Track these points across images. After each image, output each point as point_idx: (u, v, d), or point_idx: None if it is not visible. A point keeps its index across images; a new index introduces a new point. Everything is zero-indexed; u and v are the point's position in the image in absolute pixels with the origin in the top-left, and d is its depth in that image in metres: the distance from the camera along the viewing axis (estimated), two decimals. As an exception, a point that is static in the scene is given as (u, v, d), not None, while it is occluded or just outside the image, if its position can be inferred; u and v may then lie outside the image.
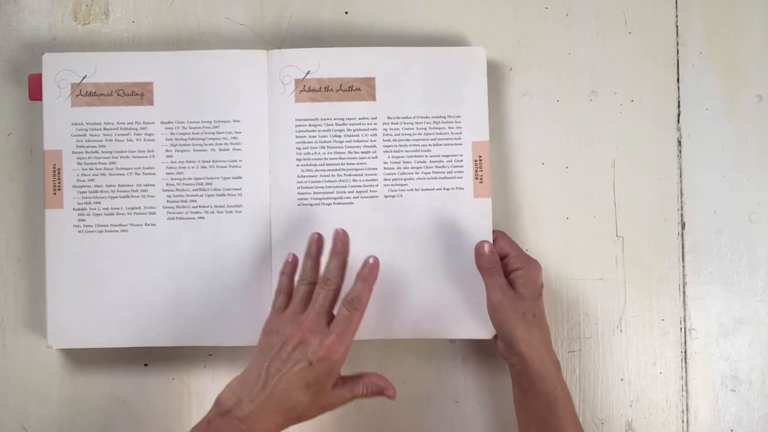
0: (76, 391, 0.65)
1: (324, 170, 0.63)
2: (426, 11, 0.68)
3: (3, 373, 0.66)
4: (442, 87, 0.64)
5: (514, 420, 0.61)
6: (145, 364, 0.65)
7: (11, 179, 0.66)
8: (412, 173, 0.64)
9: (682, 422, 0.67)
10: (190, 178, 0.63)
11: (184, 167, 0.63)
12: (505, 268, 0.61)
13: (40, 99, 0.62)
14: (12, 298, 0.66)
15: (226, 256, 0.63)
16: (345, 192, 0.63)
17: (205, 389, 0.66)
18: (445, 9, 0.68)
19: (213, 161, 0.63)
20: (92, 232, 0.63)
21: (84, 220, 0.63)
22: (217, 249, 0.63)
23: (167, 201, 0.63)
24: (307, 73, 0.63)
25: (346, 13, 0.68)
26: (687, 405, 0.67)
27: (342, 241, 0.59)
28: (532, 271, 0.60)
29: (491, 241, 0.62)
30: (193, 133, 0.63)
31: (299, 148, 0.63)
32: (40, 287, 0.63)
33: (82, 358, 0.65)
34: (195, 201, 0.63)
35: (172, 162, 0.63)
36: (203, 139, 0.63)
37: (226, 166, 0.63)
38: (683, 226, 0.68)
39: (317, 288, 0.57)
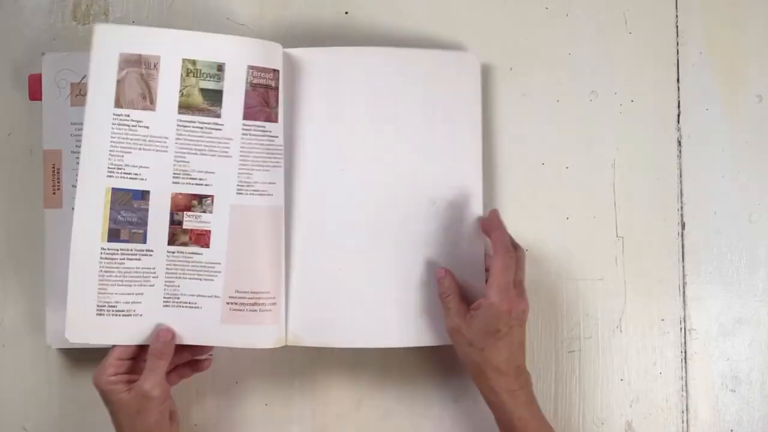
0: (76, 391, 0.65)
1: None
2: (426, 11, 0.68)
3: (3, 373, 0.66)
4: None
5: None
6: (145, 364, 0.65)
7: (11, 179, 0.66)
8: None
9: (682, 422, 0.67)
10: None
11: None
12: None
13: (40, 99, 0.62)
14: (12, 298, 0.66)
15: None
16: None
17: (205, 389, 0.66)
18: (445, 9, 0.68)
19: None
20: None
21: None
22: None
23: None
24: None
25: (346, 13, 0.68)
26: (687, 405, 0.67)
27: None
28: (493, 307, 0.56)
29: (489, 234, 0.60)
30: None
31: None
32: (40, 287, 0.63)
33: (82, 358, 0.65)
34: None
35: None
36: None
37: None
38: (683, 226, 0.68)
39: None
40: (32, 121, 0.65)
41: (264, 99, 0.59)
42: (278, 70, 0.60)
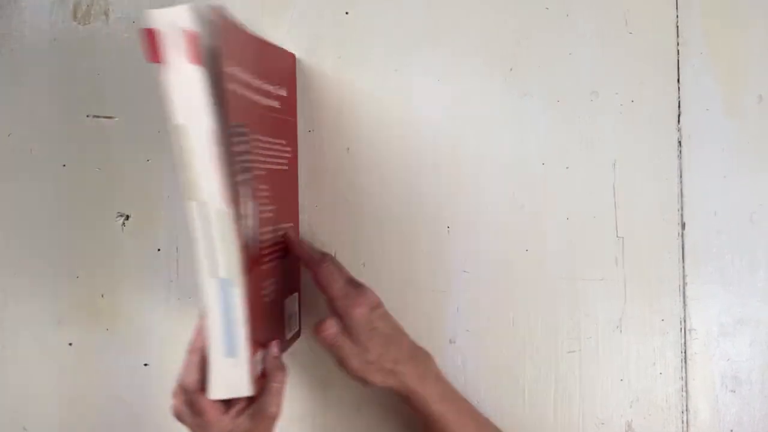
0: (76, 391, 0.65)
1: None
2: (423, 10, 0.68)
3: (3, 374, 0.66)
4: None
5: (514, 420, 0.61)
6: (145, 364, 0.65)
7: (10, 179, 0.66)
8: None
9: (682, 422, 0.67)
10: None
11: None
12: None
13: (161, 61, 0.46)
14: (12, 298, 0.66)
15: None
16: None
17: (205, 389, 0.66)
18: (445, 10, 0.68)
19: None
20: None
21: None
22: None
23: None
24: None
25: (347, 13, 0.68)
26: (687, 405, 0.67)
27: None
28: (348, 314, 0.56)
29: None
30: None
31: None
32: (42, 288, 0.63)
33: (82, 358, 0.65)
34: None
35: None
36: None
37: None
38: (683, 226, 0.68)
39: None
40: (31, 121, 0.65)
41: None
42: None
